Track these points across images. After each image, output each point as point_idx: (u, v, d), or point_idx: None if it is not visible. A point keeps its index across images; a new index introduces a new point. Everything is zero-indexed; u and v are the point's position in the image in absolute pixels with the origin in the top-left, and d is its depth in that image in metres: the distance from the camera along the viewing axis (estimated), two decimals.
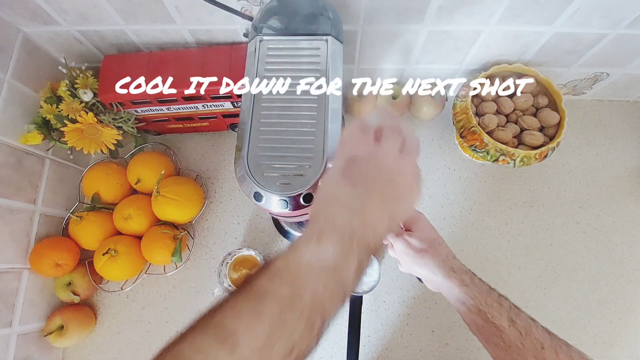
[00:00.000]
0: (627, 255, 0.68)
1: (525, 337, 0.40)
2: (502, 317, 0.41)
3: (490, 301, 0.43)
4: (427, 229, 0.51)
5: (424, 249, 0.48)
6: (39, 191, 0.63)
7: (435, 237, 0.50)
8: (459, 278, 0.45)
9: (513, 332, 0.40)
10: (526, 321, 0.41)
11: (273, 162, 0.39)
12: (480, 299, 0.43)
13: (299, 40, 0.45)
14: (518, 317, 0.41)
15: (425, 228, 0.51)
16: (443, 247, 0.49)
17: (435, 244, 0.49)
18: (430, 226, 0.51)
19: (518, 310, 0.42)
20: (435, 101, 0.71)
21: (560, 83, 0.73)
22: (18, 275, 0.59)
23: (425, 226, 0.51)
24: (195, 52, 0.63)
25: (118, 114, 0.63)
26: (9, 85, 0.57)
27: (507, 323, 0.41)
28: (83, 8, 0.56)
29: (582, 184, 0.72)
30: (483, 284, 0.45)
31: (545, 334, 0.40)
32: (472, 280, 0.45)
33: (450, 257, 0.48)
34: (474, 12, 0.55)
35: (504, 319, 0.41)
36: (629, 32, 0.58)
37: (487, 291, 0.44)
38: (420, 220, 0.52)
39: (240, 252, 0.64)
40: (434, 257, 0.47)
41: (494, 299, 0.43)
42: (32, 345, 0.59)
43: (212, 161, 0.74)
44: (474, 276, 0.46)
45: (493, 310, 0.42)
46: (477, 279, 0.46)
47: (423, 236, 0.49)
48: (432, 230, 0.51)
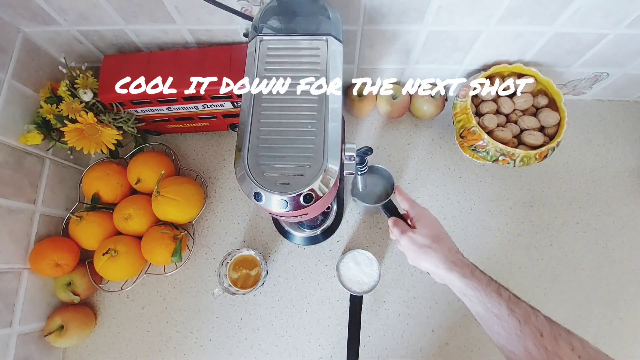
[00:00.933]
0: (627, 255, 0.68)
1: (524, 325, 0.41)
2: (501, 307, 0.43)
3: (490, 292, 0.45)
4: (430, 225, 0.53)
5: (427, 244, 0.51)
6: (39, 191, 0.63)
7: (438, 232, 0.52)
8: (460, 271, 0.48)
9: (512, 321, 0.42)
10: (525, 310, 0.42)
11: (273, 162, 0.39)
12: (480, 290, 0.45)
13: (298, 40, 0.45)
14: (517, 306, 0.43)
15: (428, 224, 0.53)
16: (446, 242, 0.51)
17: (438, 239, 0.51)
18: (434, 221, 0.54)
19: (517, 299, 0.44)
20: (435, 101, 0.71)
21: (560, 83, 0.73)
22: (18, 275, 0.59)
23: (428, 222, 0.53)
24: (195, 52, 0.63)
25: (118, 114, 0.63)
26: (9, 85, 0.57)
27: (507, 312, 0.43)
28: (83, 8, 0.56)
29: (582, 184, 0.72)
30: (483, 276, 0.47)
31: (545, 322, 0.41)
32: (472, 273, 0.47)
33: (452, 251, 0.50)
34: (474, 12, 0.55)
35: (502, 308, 0.43)
36: (629, 32, 0.58)
37: (486, 282, 0.46)
38: (423, 216, 0.54)
39: (240, 252, 0.64)
40: (437, 252, 0.50)
41: (493, 289, 0.45)
42: (32, 345, 0.60)
43: (212, 161, 0.74)
44: (475, 269, 0.48)
45: (492, 300, 0.44)
46: (478, 272, 0.48)
47: (426, 232, 0.52)
48: (435, 225, 0.53)
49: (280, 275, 0.68)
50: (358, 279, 0.63)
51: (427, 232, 0.52)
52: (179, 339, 0.65)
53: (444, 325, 0.64)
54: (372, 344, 0.64)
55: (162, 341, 0.65)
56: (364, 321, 0.63)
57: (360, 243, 0.69)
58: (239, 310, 0.66)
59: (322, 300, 0.66)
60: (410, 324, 0.65)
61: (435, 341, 0.64)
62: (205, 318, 0.66)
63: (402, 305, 0.66)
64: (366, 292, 0.62)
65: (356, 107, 0.73)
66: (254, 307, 0.66)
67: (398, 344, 0.64)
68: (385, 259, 0.68)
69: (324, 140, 0.40)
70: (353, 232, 0.69)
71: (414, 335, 0.64)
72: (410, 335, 0.64)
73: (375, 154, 0.74)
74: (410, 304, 0.66)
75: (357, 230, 0.69)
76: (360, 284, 0.63)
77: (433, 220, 0.54)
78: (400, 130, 0.75)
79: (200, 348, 0.64)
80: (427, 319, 0.65)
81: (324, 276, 0.67)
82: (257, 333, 0.65)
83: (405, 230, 0.53)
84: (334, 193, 0.43)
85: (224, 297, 0.66)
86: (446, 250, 0.50)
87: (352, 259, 0.64)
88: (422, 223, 0.53)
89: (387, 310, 0.65)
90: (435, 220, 0.54)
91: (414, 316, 0.65)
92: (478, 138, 0.62)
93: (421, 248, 0.51)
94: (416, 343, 0.64)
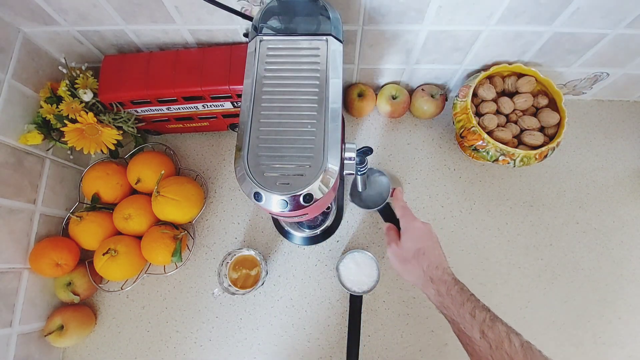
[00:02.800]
0: (627, 255, 0.68)
1: (495, 350, 0.40)
2: (474, 329, 0.43)
3: (463, 312, 0.44)
4: (415, 238, 0.53)
5: (407, 258, 0.51)
6: (39, 191, 0.63)
7: (421, 246, 0.52)
8: (435, 288, 0.48)
9: (483, 344, 0.41)
10: (499, 334, 0.41)
11: (273, 162, 0.39)
12: (453, 310, 0.45)
13: (299, 40, 0.45)
14: (491, 329, 0.42)
15: (413, 237, 0.53)
16: (427, 256, 0.51)
17: (419, 253, 0.51)
18: (421, 234, 0.53)
19: (493, 322, 0.42)
20: (435, 101, 0.71)
21: (560, 83, 0.73)
22: (18, 275, 0.59)
23: (414, 235, 0.53)
24: (195, 52, 0.63)
25: (118, 114, 0.63)
26: (9, 85, 0.57)
27: (478, 335, 0.42)
28: (83, 8, 0.56)
29: (582, 184, 0.72)
30: (460, 295, 0.46)
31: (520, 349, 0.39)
32: (448, 291, 0.47)
33: (432, 267, 0.50)
34: (474, 12, 0.55)
35: (475, 330, 0.42)
36: (629, 32, 0.58)
37: (460, 302, 0.45)
38: (410, 229, 0.54)
39: (240, 252, 0.64)
40: (415, 267, 0.50)
41: (466, 311, 0.44)
42: (32, 345, 0.60)
43: (212, 161, 0.74)
44: (452, 287, 0.47)
45: (465, 321, 0.44)
46: (455, 290, 0.47)
47: (409, 246, 0.52)
48: (420, 239, 0.53)
49: (280, 275, 0.68)
50: (358, 279, 0.63)
51: (409, 246, 0.52)
52: (178, 339, 0.65)
53: (443, 326, 0.64)
54: (372, 344, 0.64)
55: (162, 341, 0.65)
56: (364, 321, 0.64)
57: (360, 243, 0.69)
58: (238, 310, 0.66)
59: (322, 300, 0.66)
60: (409, 324, 0.65)
61: (434, 341, 0.64)
62: (205, 318, 0.66)
63: (401, 305, 0.65)
64: (366, 292, 0.62)
65: (356, 107, 0.73)
66: (254, 307, 0.66)
67: (398, 344, 0.64)
68: (385, 259, 0.68)
69: (324, 140, 0.40)
70: (353, 232, 0.69)
71: (414, 336, 0.64)
72: (409, 336, 0.64)
73: (375, 154, 0.74)
74: (410, 304, 0.65)
75: (357, 230, 0.69)
76: (360, 284, 0.63)
77: (420, 233, 0.53)
78: (400, 130, 0.75)
79: (200, 348, 0.64)
80: (427, 319, 0.65)
81: (324, 276, 0.67)
82: (256, 333, 0.65)
83: (390, 242, 0.54)
84: (334, 193, 0.43)
85: (223, 297, 0.66)
86: (425, 266, 0.50)
87: (352, 259, 0.64)
88: (407, 235, 0.53)
89: (387, 310, 0.65)
90: (424, 232, 0.53)
91: (414, 316, 0.65)
92: (478, 138, 0.62)
93: (401, 261, 0.52)
94: (416, 343, 0.64)
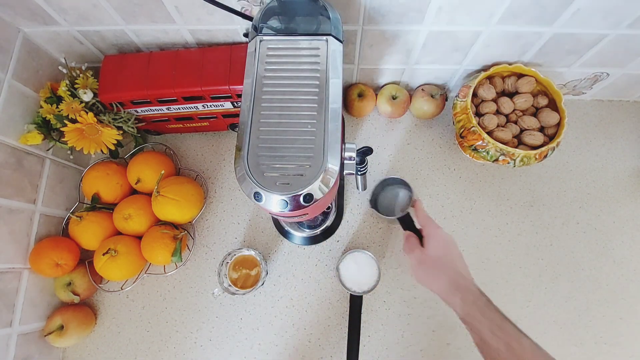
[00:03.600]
0: (627, 255, 0.68)
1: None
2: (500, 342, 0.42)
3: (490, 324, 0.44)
4: (439, 246, 0.53)
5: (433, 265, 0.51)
6: (39, 191, 0.63)
7: (446, 253, 0.52)
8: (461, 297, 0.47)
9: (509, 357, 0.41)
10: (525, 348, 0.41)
11: (273, 162, 0.39)
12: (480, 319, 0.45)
13: (299, 40, 0.45)
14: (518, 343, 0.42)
15: (438, 245, 0.53)
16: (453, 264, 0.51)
17: (445, 261, 0.51)
18: (445, 242, 0.53)
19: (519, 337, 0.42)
20: (435, 101, 0.71)
21: (560, 83, 0.73)
22: (18, 275, 0.59)
23: (438, 243, 0.53)
24: (195, 52, 0.63)
25: (118, 114, 0.63)
26: (9, 85, 0.57)
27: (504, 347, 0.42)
28: (83, 8, 0.56)
29: (582, 184, 0.72)
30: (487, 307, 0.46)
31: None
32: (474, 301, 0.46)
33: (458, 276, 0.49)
34: (474, 12, 0.55)
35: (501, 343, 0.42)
36: (629, 32, 0.58)
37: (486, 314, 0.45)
38: (435, 236, 0.53)
39: (240, 252, 0.64)
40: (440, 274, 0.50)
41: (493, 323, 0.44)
42: (32, 345, 0.60)
43: (212, 161, 0.74)
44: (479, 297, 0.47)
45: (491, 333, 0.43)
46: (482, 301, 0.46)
47: (434, 253, 0.52)
48: (445, 246, 0.53)
49: (280, 275, 0.68)
50: (358, 279, 0.63)
51: (434, 253, 0.52)
52: (178, 339, 0.65)
53: (445, 326, 0.64)
54: (372, 344, 0.64)
55: (162, 341, 0.65)
56: (364, 321, 0.64)
57: (360, 243, 0.69)
58: (238, 310, 0.66)
59: (322, 300, 0.66)
60: (410, 324, 0.65)
61: (436, 342, 0.64)
62: (205, 318, 0.66)
63: (402, 305, 0.65)
64: (366, 292, 0.62)
65: (356, 107, 0.73)
66: (254, 307, 0.66)
67: (398, 344, 0.64)
68: (385, 259, 0.68)
69: (324, 140, 0.40)
70: (353, 232, 0.69)
71: (415, 336, 0.64)
72: (410, 336, 0.64)
73: (375, 154, 0.73)
74: (411, 304, 0.65)
75: (357, 230, 0.69)
76: (360, 284, 0.63)
77: (444, 241, 0.53)
78: (400, 130, 0.75)
79: (200, 348, 0.64)
80: (428, 319, 0.65)
81: (324, 276, 0.67)
82: (257, 333, 0.65)
83: (414, 249, 0.53)
84: (334, 193, 0.43)
85: (223, 297, 0.66)
86: (451, 273, 0.50)
87: (352, 259, 0.64)
88: (432, 243, 0.53)
89: (387, 310, 0.65)
90: (447, 240, 0.53)
91: (415, 316, 0.65)
92: (478, 138, 0.62)
93: (426, 269, 0.51)
94: (417, 343, 0.64)
